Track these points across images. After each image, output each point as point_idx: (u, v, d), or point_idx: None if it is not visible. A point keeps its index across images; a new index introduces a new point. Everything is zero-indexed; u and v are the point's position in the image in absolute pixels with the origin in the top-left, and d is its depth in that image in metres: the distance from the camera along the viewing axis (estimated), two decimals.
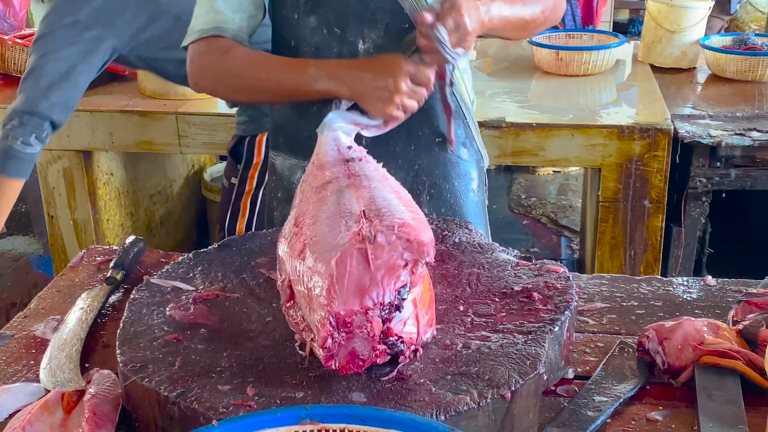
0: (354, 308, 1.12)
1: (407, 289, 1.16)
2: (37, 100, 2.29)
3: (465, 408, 1.09)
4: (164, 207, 3.70)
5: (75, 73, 2.32)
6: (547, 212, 4.55)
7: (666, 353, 1.31)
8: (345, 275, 1.14)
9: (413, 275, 1.16)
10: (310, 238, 1.22)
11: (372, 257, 1.15)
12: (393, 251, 1.17)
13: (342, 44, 1.69)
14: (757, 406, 1.20)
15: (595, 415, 1.20)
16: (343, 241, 1.18)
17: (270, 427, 0.98)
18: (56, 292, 1.61)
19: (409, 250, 1.17)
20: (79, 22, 2.32)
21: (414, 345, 1.19)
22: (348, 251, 1.16)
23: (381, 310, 1.14)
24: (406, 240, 1.18)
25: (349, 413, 0.99)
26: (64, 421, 1.19)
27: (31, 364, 1.37)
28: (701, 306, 1.52)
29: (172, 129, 2.92)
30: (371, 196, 1.29)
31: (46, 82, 2.30)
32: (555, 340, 1.25)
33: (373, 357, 1.15)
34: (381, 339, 1.14)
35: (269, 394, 1.12)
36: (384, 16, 1.67)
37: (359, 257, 1.16)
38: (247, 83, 1.65)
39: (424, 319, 1.21)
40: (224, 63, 1.62)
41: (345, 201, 1.28)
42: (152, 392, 1.14)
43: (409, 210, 1.28)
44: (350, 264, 1.15)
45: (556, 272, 1.41)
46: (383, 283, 1.14)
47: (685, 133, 2.58)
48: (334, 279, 1.14)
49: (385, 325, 1.14)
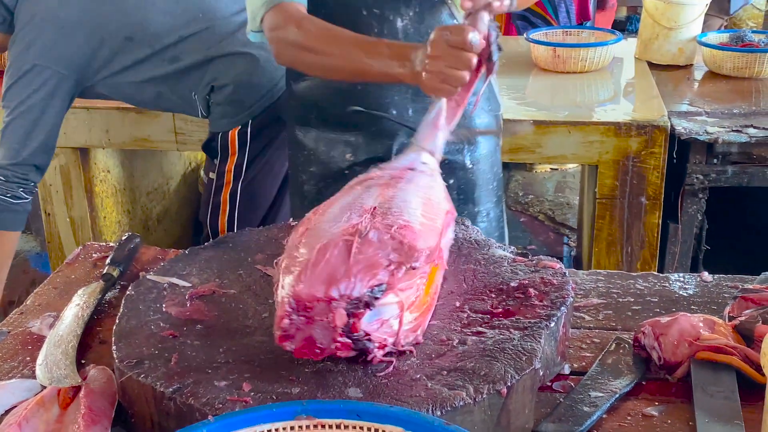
0: (317, 295, 1.12)
1: (382, 288, 1.15)
2: (17, 151, 2.36)
3: (461, 403, 1.09)
4: (161, 204, 3.70)
5: (46, 117, 2.38)
6: (545, 209, 4.55)
7: (662, 349, 1.31)
8: (321, 263, 1.15)
9: (392, 276, 1.16)
10: (314, 223, 1.24)
11: (355, 251, 1.15)
12: (381, 250, 1.17)
13: (382, 23, 1.72)
14: (752, 402, 1.20)
15: (591, 411, 1.20)
16: (336, 231, 1.19)
17: (266, 422, 0.98)
18: (52, 288, 1.61)
19: (398, 252, 1.17)
20: (35, 66, 2.35)
21: (388, 347, 1.18)
22: (334, 241, 1.17)
23: (348, 304, 1.13)
24: (399, 242, 1.18)
25: (345, 408, 0.99)
26: (60, 417, 1.19)
27: (27, 361, 1.37)
28: (697, 302, 1.52)
29: (169, 126, 2.92)
30: (394, 195, 1.29)
31: (21, 133, 2.36)
32: (551, 335, 1.25)
33: (333, 348, 1.14)
34: (344, 332, 1.13)
35: (265, 389, 1.12)
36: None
37: (342, 249, 1.16)
38: (320, 59, 1.64)
39: (408, 324, 1.21)
40: (298, 37, 1.63)
41: (366, 196, 1.30)
42: (148, 388, 1.14)
43: (426, 216, 1.27)
44: (331, 253, 1.15)
45: (552, 268, 1.41)
46: (356, 278, 1.13)
47: (682, 130, 2.58)
48: (309, 264, 1.15)
49: (351, 320, 1.13)
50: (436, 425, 0.96)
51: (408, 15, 1.75)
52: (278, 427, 0.98)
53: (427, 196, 1.35)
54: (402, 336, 1.20)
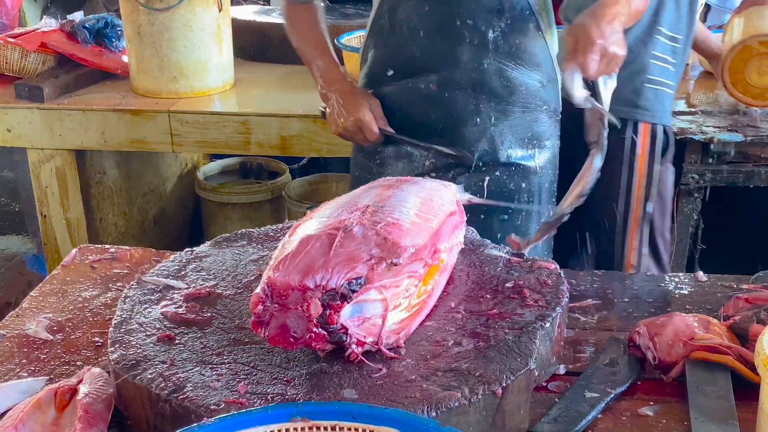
0: (292, 283, 1.13)
1: (360, 281, 1.15)
2: None
3: (456, 404, 1.09)
4: (157, 206, 3.69)
5: None
6: None
7: (657, 349, 1.31)
8: (301, 253, 1.16)
9: (372, 271, 1.16)
10: (309, 218, 1.26)
11: (337, 244, 1.16)
12: (363, 245, 1.18)
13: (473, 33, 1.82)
14: (747, 401, 1.20)
15: (586, 411, 1.20)
16: (322, 225, 1.20)
17: (261, 424, 0.98)
18: (48, 291, 1.61)
19: (380, 248, 1.18)
20: None
21: (367, 345, 1.18)
22: (318, 234, 1.19)
23: (324, 294, 1.13)
24: (383, 238, 1.18)
25: (340, 410, 0.99)
26: (57, 420, 1.19)
27: (24, 363, 1.37)
28: (692, 302, 1.53)
29: (165, 128, 2.91)
30: (391, 195, 1.32)
31: None
32: (546, 336, 1.26)
33: (307, 338, 1.14)
34: (319, 323, 1.14)
35: (261, 391, 1.12)
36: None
37: (325, 241, 1.17)
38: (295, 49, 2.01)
39: (394, 324, 1.21)
40: (288, 27, 2.03)
41: (364, 195, 1.33)
42: (144, 390, 1.14)
43: (420, 215, 1.29)
44: (313, 245, 1.17)
45: (547, 268, 1.42)
46: (334, 270, 1.14)
47: (678, 130, 2.59)
48: (290, 253, 1.16)
49: (327, 311, 1.13)
50: (430, 426, 0.96)
51: (499, 27, 1.81)
52: (273, 430, 0.98)
53: (430, 197, 1.36)
54: (384, 335, 1.19)
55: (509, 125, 1.88)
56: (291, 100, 2.82)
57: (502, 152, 1.89)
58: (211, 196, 3.66)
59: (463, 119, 1.87)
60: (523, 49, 1.85)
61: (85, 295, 1.59)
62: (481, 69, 1.83)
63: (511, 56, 1.84)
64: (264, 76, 3.28)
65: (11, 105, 2.99)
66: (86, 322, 1.49)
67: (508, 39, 1.83)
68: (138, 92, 3.06)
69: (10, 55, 3.16)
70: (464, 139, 1.88)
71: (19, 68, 3.17)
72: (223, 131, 2.87)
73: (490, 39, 1.82)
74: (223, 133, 2.88)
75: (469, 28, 1.82)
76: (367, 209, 1.25)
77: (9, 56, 3.16)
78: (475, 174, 1.89)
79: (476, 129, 1.87)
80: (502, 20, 1.82)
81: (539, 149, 1.94)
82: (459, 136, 1.89)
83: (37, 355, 1.40)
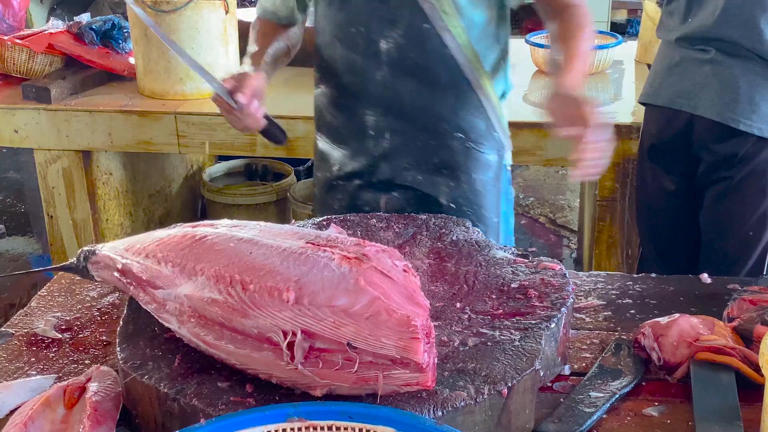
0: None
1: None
2: None
3: (462, 404, 1.10)
4: (163, 206, 3.71)
5: None
6: (545, 212, 4.56)
7: (661, 350, 1.32)
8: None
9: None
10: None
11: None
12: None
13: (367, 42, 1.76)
14: (751, 402, 1.21)
15: (591, 411, 1.21)
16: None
17: (258, 425, 0.98)
18: (56, 290, 1.62)
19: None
20: None
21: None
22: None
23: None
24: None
25: (337, 410, 0.99)
26: (66, 418, 1.20)
27: (33, 362, 1.38)
28: (697, 303, 1.53)
29: (171, 129, 2.93)
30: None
31: None
32: (551, 336, 1.26)
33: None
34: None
35: (268, 390, 1.13)
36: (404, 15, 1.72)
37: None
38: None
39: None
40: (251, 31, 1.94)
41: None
42: (152, 389, 1.15)
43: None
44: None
45: (552, 269, 1.42)
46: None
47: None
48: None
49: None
50: (427, 425, 0.97)
51: (392, 37, 1.73)
52: (270, 430, 0.99)
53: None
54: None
55: (411, 146, 1.81)
56: (296, 102, 2.82)
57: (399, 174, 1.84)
58: (216, 197, 3.67)
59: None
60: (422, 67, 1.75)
61: (93, 294, 1.60)
62: (375, 80, 1.77)
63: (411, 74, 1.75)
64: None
65: (18, 106, 3.00)
66: (94, 321, 1.50)
67: (402, 52, 1.74)
68: (145, 94, 3.08)
69: (18, 57, 3.18)
70: (367, 150, 1.85)
71: (26, 69, 3.19)
72: (229, 133, 2.88)
73: (383, 50, 1.75)
74: (229, 134, 2.89)
75: (361, 35, 1.76)
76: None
77: (16, 57, 3.18)
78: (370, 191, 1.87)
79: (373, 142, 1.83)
80: (395, 30, 1.73)
81: (451, 179, 1.84)
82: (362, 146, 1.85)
83: (46, 353, 1.41)
